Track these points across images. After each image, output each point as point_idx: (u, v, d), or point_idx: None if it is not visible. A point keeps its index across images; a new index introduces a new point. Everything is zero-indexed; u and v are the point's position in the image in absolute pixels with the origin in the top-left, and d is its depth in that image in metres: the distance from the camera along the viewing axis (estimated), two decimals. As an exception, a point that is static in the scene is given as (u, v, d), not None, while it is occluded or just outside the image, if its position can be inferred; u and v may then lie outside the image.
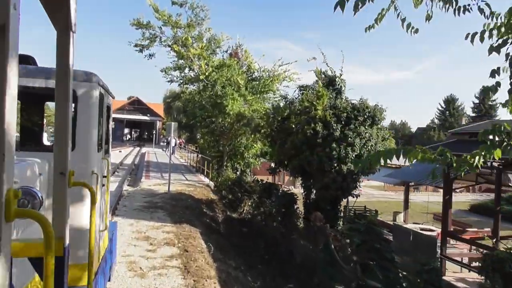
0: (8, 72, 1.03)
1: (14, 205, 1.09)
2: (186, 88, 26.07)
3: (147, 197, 15.65)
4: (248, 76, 20.46)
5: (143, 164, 28.77)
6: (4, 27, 1.02)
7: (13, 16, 1.04)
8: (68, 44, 1.80)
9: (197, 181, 20.42)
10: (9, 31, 1.03)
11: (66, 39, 1.79)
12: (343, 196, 11.37)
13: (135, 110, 76.94)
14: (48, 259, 1.36)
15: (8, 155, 1.03)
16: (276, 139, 13.62)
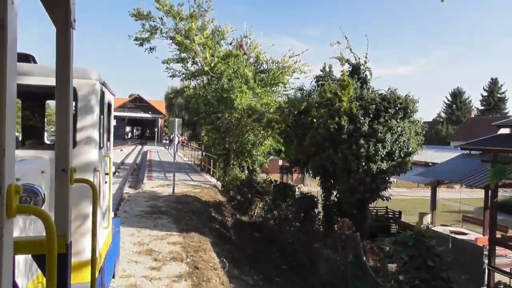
0: (7, 68, 1.02)
1: (16, 201, 1.08)
2: (189, 83, 24.73)
3: (150, 201, 14.33)
4: (256, 68, 19.04)
5: (145, 164, 27.46)
6: (2, 22, 1.02)
7: (11, 10, 1.04)
8: (68, 41, 1.78)
9: (203, 181, 19.10)
10: (7, 26, 1.03)
11: (66, 36, 1.78)
12: (371, 198, 10.02)
13: (136, 107, 75.86)
14: (51, 256, 1.37)
15: (8, 151, 1.03)
16: (292, 136, 12.23)
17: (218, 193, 17.54)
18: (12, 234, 1.10)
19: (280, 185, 12.97)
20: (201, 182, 18.94)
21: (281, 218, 12.70)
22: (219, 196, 17.10)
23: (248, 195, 16.75)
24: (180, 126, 14.68)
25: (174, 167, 14.65)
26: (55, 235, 1.36)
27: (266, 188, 15.07)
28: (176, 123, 14.59)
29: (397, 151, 9.95)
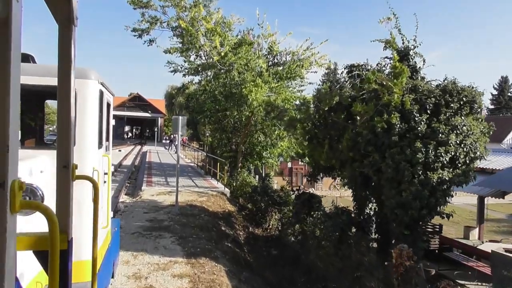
0: (11, 66, 1.03)
1: (19, 197, 1.09)
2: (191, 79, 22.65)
3: (149, 212, 12.23)
4: (268, 60, 16.94)
5: (144, 166, 25.35)
6: (6, 20, 1.01)
7: (15, 9, 1.03)
8: (70, 38, 1.76)
9: (209, 187, 17.00)
10: (11, 25, 1.02)
11: (68, 32, 1.75)
12: (429, 215, 7.93)
13: (135, 106, 74.21)
14: (54, 252, 1.37)
15: (12, 148, 1.04)
16: (319, 137, 10.12)
17: (226, 201, 15.45)
18: (16, 230, 1.10)
19: (304, 195, 10.90)
20: (207, 188, 16.83)
21: (305, 234, 10.60)
22: (228, 205, 15.01)
23: (261, 204, 14.66)
24: (185, 125, 12.59)
25: (177, 173, 12.56)
26: (58, 231, 1.37)
27: (284, 198, 13.00)
28: (180, 122, 12.49)
29: (461, 155, 7.85)
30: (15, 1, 1.02)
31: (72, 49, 1.78)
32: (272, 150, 19.33)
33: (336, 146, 9.52)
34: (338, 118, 9.77)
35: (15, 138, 1.06)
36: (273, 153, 20.29)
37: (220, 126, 21.71)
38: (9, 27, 1.01)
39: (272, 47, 16.68)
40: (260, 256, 11.67)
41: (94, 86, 4.06)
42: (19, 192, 1.08)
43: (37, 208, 1.35)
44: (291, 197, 13.09)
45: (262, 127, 18.91)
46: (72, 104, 1.85)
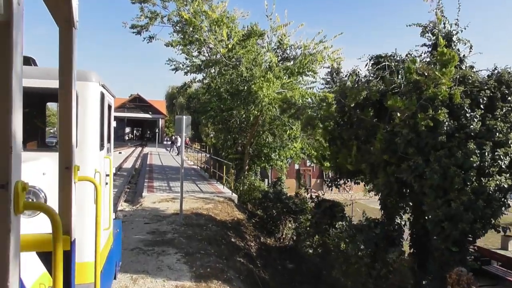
0: (13, 68, 1.03)
1: (23, 198, 1.09)
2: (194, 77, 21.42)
3: (151, 223, 10.98)
4: (278, 55, 15.67)
5: (145, 169, 24.09)
6: (8, 23, 1.02)
7: (17, 12, 1.04)
8: (71, 40, 1.78)
9: (215, 193, 15.74)
10: (13, 28, 1.03)
11: (68, 35, 1.77)
12: (483, 229, 6.66)
13: (136, 107, 73.09)
14: (57, 253, 1.37)
15: (15, 149, 1.05)
16: (345, 137, 8.86)
17: (235, 208, 14.18)
18: (19, 231, 1.10)
19: (324, 203, 9.64)
20: (212, 194, 15.57)
21: (327, 247, 9.34)
22: (236, 213, 13.75)
23: (273, 211, 13.41)
24: (189, 125, 11.34)
25: (181, 178, 11.31)
26: (61, 233, 1.36)
27: (300, 205, 11.75)
28: (184, 122, 11.24)
29: (521, 159, 6.60)
30: (17, 4, 1.04)
31: (73, 52, 1.81)
32: (281, 151, 18.05)
33: (364, 147, 8.25)
34: (366, 116, 8.50)
35: (18, 140, 1.07)
36: (282, 155, 19.03)
37: (225, 126, 20.48)
38: (11, 30, 1.03)
39: (282, 40, 15.41)
40: (276, 272, 10.41)
41: (95, 88, 4.07)
42: (22, 193, 1.08)
43: (41, 209, 1.41)
44: (308, 204, 11.87)
45: (270, 127, 17.65)
46: (74, 106, 1.88)
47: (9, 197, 1.03)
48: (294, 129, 15.09)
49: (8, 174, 1.02)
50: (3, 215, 1.03)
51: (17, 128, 1.05)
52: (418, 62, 7.01)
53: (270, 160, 19.31)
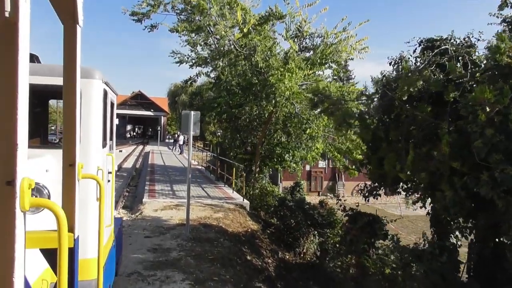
0: (20, 66, 1.04)
1: (29, 195, 1.09)
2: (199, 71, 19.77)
3: (152, 236, 9.33)
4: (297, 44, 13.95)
5: (146, 169, 22.45)
6: (15, 21, 1.03)
7: (24, 9, 1.04)
8: (75, 38, 1.78)
9: (225, 199, 14.06)
10: (20, 25, 1.03)
11: (73, 33, 1.77)
12: None
13: (138, 105, 71.81)
14: (62, 249, 1.38)
15: (21, 146, 1.05)
16: (393, 138, 7.18)
17: (247, 217, 12.50)
18: (25, 227, 1.10)
19: (361, 218, 7.94)
20: (221, 199, 13.90)
21: (365, 271, 7.65)
22: (250, 223, 12.08)
23: (291, 221, 11.73)
24: (198, 122, 9.68)
25: (188, 185, 9.64)
26: (66, 229, 1.37)
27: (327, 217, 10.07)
28: (192, 118, 9.58)
29: None
30: (24, 2, 1.04)
31: (78, 49, 1.79)
32: (296, 152, 16.35)
33: (422, 152, 6.56)
34: (422, 112, 6.80)
35: (24, 137, 1.07)
36: (297, 156, 17.34)
37: (233, 124, 18.80)
38: (17, 27, 1.03)
39: (302, 27, 13.68)
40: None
41: (98, 85, 4.09)
42: (28, 190, 1.08)
43: (47, 206, 1.38)
44: (337, 216, 10.23)
45: (284, 125, 15.95)
46: (78, 103, 1.87)
47: (15, 194, 1.04)
48: (315, 128, 13.41)
49: (14, 171, 1.03)
50: (10, 211, 1.04)
51: (23, 126, 1.07)
52: (506, 40, 5.34)
53: (283, 161, 17.63)
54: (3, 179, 1.03)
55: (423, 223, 21.11)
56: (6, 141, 1.04)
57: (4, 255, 1.03)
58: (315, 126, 13.45)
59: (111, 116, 5.10)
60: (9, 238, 1.03)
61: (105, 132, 4.50)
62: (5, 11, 1.02)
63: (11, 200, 1.03)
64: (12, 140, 1.03)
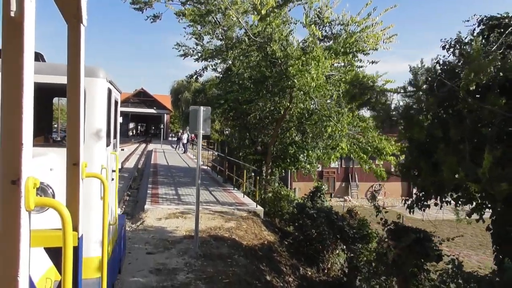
0: (25, 66, 1.04)
1: (33, 194, 1.09)
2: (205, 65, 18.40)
3: (155, 252, 7.96)
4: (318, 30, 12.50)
5: (148, 170, 21.11)
6: (20, 20, 1.03)
7: (29, 9, 1.05)
8: (79, 37, 1.78)
9: (235, 204, 12.68)
10: (25, 24, 1.03)
11: (77, 32, 1.77)
12: None
13: (140, 102, 70.84)
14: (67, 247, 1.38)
15: (26, 145, 1.06)
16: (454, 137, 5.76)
17: (262, 226, 11.11)
18: (30, 226, 1.11)
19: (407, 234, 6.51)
20: (232, 205, 12.51)
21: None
22: (265, 233, 10.68)
23: (312, 231, 10.34)
24: (208, 119, 8.30)
25: (197, 192, 8.26)
26: (71, 228, 1.38)
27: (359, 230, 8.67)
28: (201, 114, 8.21)
29: None
30: (29, 2, 1.04)
31: (82, 48, 1.80)
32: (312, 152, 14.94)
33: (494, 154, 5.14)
34: (494, 104, 5.39)
35: (29, 136, 1.07)
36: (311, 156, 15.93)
37: (242, 122, 17.41)
38: (23, 27, 1.03)
39: (322, 13, 12.23)
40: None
41: (103, 84, 4.08)
42: (33, 189, 1.08)
43: (51, 205, 1.38)
44: (373, 230, 8.85)
45: (300, 123, 14.54)
46: (82, 102, 1.87)
47: (20, 193, 1.03)
48: (338, 126, 11.97)
49: (20, 170, 1.03)
50: (15, 211, 1.04)
51: (28, 125, 1.06)
52: None
53: (297, 162, 16.23)
54: (8, 178, 1.04)
55: (448, 228, 19.64)
56: (11, 141, 1.04)
57: (9, 254, 1.04)
58: (338, 123, 12.01)
59: (115, 115, 5.06)
60: (14, 237, 1.04)
61: (109, 130, 4.48)
62: (11, 11, 1.02)
63: (16, 199, 1.04)
64: (17, 139, 1.04)
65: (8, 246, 1.03)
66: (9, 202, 1.03)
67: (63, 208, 1.37)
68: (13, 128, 1.03)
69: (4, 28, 1.03)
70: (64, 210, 1.36)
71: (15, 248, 1.03)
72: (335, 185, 28.49)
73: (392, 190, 29.38)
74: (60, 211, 1.35)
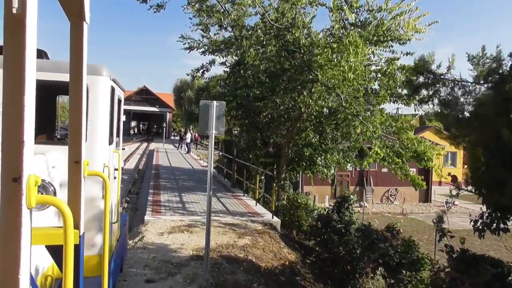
0: (27, 63, 1.04)
1: (35, 192, 1.09)
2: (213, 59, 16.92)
3: (156, 280, 6.45)
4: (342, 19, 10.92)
5: (150, 172, 19.59)
6: (22, 16, 1.02)
7: (31, 6, 1.04)
8: (82, 35, 1.77)
9: (248, 215, 11.14)
10: (27, 21, 1.02)
11: (80, 30, 1.76)
12: None
13: (142, 100, 69.64)
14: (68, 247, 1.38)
15: (27, 143, 1.05)
16: None
17: (281, 242, 9.56)
18: (31, 224, 1.10)
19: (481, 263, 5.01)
20: (244, 216, 10.97)
21: None
22: (285, 251, 9.14)
23: (340, 249, 8.81)
24: (222, 116, 6.79)
25: (209, 207, 6.73)
26: (72, 226, 1.37)
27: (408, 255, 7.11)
28: (214, 110, 6.70)
29: None
30: None
31: (84, 46, 1.78)
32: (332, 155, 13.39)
33: None
34: None
35: (30, 134, 1.06)
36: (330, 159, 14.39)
37: (252, 121, 15.87)
38: (25, 24, 1.02)
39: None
40: None
41: (106, 82, 4.05)
42: (34, 187, 1.08)
43: (53, 203, 1.38)
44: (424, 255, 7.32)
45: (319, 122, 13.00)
46: (84, 100, 1.85)
47: (21, 191, 1.03)
48: (369, 126, 10.39)
49: (21, 168, 1.03)
50: (16, 208, 1.03)
51: (30, 122, 1.06)
52: None
53: (313, 165, 14.68)
54: (9, 176, 1.03)
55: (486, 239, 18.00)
56: (12, 138, 1.04)
57: (10, 251, 1.03)
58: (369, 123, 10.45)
59: (118, 113, 5.03)
60: (15, 234, 1.03)
61: (112, 129, 4.49)
62: (13, 8, 1.01)
63: (17, 197, 1.03)
64: (18, 137, 1.03)
65: (9, 244, 1.03)
66: (10, 200, 1.04)
67: (64, 206, 1.37)
68: (14, 126, 1.03)
69: (6, 25, 1.03)
70: (65, 208, 1.37)
71: (16, 246, 1.03)
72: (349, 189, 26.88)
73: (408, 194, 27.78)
74: (61, 209, 1.36)
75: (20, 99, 1.02)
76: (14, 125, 1.02)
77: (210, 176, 6.83)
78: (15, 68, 1.02)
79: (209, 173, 6.81)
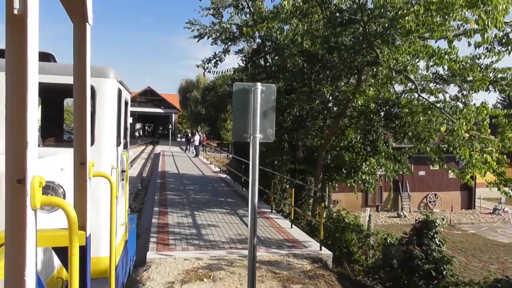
0: (29, 64, 1.03)
1: (39, 193, 1.08)
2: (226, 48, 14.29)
3: None
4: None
5: (155, 182, 16.85)
6: (23, 18, 1.01)
7: (32, 7, 1.03)
8: (85, 37, 1.75)
9: (286, 244, 8.33)
10: (28, 22, 1.02)
11: (83, 32, 1.75)
12: None
13: (147, 101, 67.65)
14: (73, 248, 1.37)
15: (31, 144, 1.04)
16: None
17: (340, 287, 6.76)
18: (36, 225, 1.09)
19: None
20: (282, 247, 8.14)
21: None
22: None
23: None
24: (272, 110, 4.02)
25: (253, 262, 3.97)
26: (77, 228, 1.36)
27: None
28: (259, 98, 3.92)
29: None
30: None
31: (88, 48, 1.77)
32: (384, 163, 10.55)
33: None
34: None
35: (34, 135, 1.05)
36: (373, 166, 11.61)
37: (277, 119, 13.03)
38: (26, 24, 1.01)
39: None
40: None
41: (113, 84, 4.08)
42: (39, 188, 1.07)
43: (57, 204, 1.37)
44: None
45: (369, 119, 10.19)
46: (88, 101, 1.84)
47: (26, 192, 1.02)
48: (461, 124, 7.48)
49: (25, 169, 1.02)
50: (20, 209, 1.03)
51: (33, 124, 1.05)
52: None
53: (355, 173, 11.87)
54: (13, 177, 1.03)
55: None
56: (16, 140, 1.03)
57: (16, 252, 1.02)
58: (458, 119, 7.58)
59: (125, 115, 5.03)
60: (20, 236, 1.02)
61: (119, 130, 4.49)
62: (14, 8, 1.00)
63: (21, 198, 1.03)
64: (22, 138, 1.02)
65: (15, 245, 1.02)
66: (15, 201, 1.03)
67: (69, 207, 1.35)
68: (18, 127, 1.02)
69: (8, 26, 1.02)
70: (70, 209, 1.35)
71: (22, 247, 1.02)
72: (382, 195, 23.94)
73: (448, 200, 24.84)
74: (66, 210, 1.33)
75: (23, 100, 1.01)
76: (18, 127, 1.02)
77: (254, 211, 4.02)
78: (18, 69, 1.02)
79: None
